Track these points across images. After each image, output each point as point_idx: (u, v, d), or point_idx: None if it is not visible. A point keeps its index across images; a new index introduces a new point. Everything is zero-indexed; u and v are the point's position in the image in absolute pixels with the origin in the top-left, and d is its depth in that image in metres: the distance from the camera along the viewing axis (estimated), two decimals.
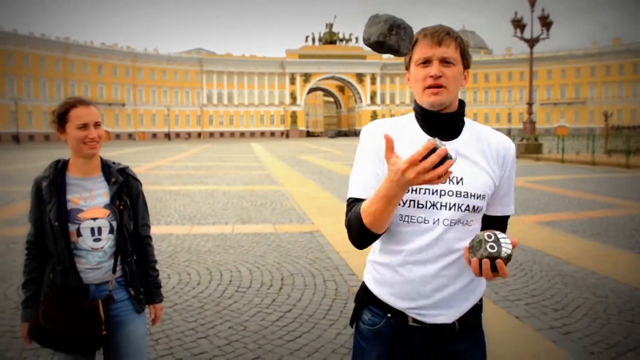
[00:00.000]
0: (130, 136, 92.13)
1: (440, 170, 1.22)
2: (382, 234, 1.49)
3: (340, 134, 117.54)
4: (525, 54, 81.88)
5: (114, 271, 2.14)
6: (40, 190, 2.10)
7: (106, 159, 2.23)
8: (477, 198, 1.52)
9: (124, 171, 2.23)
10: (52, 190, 2.08)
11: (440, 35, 1.51)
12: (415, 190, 1.51)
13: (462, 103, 1.60)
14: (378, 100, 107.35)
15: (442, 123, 1.56)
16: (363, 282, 1.72)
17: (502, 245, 1.35)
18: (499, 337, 3.81)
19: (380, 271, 1.62)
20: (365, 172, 1.57)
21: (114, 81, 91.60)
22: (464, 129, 1.59)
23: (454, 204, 1.51)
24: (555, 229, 7.90)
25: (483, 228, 1.57)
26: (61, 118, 2.08)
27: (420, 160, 1.22)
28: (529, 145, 26.99)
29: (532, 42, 29.58)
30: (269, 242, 7.22)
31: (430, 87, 1.51)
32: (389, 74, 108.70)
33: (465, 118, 1.61)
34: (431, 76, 1.50)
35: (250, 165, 23.76)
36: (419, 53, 1.53)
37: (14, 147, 54.74)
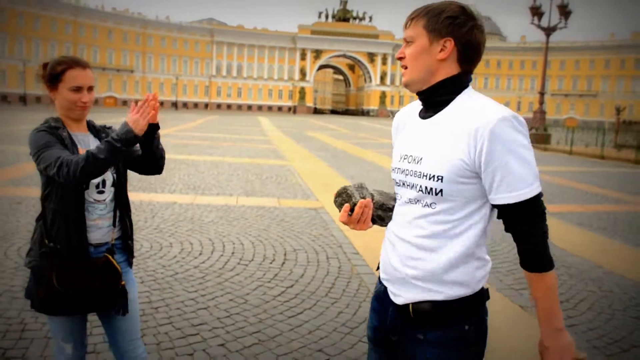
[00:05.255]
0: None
1: (343, 218, 1.56)
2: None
3: (349, 112, 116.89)
4: (540, 42, 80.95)
5: (114, 224, 2.10)
6: (59, 136, 2.00)
7: (89, 119, 2.19)
8: (431, 179, 1.43)
9: (110, 130, 2.22)
10: (71, 140, 2.02)
11: (407, 19, 1.52)
12: (394, 170, 1.60)
13: (453, 78, 1.48)
14: (388, 81, 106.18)
15: (424, 101, 1.55)
16: None
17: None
18: (501, 324, 3.77)
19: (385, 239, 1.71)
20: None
21: (123, 47, 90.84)
22: (450, 104, 1.48)
23: (413, 184, 1.50)
24: (561, 220, 7.81)
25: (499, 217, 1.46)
26: (56, 77, 2.01)
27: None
28: (538, 135, 26.69)
29: (548, 31, 29.06)
30: (273, 216, 7.17)
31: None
32: None
33: (467, 91, 1.48)
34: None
35: (256, 138, 23.66)
36: None
37: (21, 108, 54.71)
